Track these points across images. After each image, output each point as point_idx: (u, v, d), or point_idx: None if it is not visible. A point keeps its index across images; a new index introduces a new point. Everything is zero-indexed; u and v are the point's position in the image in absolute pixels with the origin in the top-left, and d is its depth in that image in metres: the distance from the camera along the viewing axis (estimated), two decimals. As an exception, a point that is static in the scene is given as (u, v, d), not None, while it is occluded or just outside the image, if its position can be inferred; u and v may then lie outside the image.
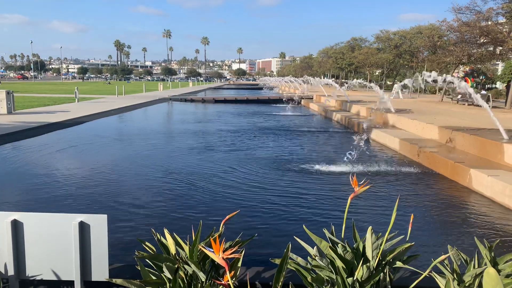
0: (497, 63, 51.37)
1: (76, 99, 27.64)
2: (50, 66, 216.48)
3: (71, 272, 2.65)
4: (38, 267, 2.67)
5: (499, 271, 2.35)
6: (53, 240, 2.63)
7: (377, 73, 69.88)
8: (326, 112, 24.92)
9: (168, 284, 2.41)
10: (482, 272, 2.17)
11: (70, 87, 56.39)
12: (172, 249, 2.59)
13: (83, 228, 2.60)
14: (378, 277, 2.31)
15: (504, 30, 23.21)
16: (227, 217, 2.57)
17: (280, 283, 2.31)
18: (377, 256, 2.32)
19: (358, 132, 15.83)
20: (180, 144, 12.95)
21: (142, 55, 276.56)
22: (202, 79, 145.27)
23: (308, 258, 2.58)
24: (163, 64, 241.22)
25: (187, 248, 2.53)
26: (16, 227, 2.62)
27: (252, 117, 23.13)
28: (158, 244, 2.73)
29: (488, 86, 49.10)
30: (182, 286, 2.43)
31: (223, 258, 1.75)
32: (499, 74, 48.35)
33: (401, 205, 6.88)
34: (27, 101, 27.76)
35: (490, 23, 23.38)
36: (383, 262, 2.38)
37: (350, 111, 22.84)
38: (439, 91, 40.89)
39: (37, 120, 16.69)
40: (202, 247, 1.90)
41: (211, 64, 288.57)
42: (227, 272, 1.79)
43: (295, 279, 2.63)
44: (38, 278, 2.69)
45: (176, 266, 2.41)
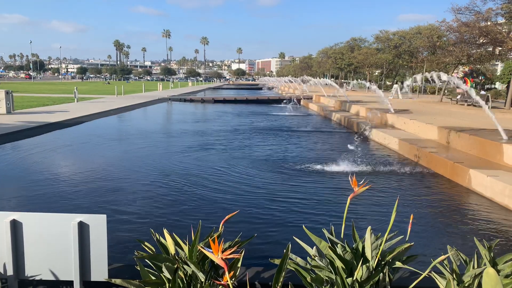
0: (496, 63, 51.45)
1: (76, 99, 27.62)
2: (50, 66, 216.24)
3: (70, 272, 2.65)
4: (37, 267, 2.67)
5: (498, 271, 2.35)
6: (52, 240, 2.63)
7: (376, 73, 69.95)
8: (325, 112, 24.93)
9: (167, 284, 2.41)
10: (481, 272, 2.18)
11: (69, 87, 56.36)
12: (172, 249, 2.58)
13: (82, 228, 2.60)
14: (377, 277, 2.31)
15: (503, 30, 23.22)
16: (227, 217, 2.57)
17: (280, 283, 2.31)
18: (376, 256, 2.32)
19: (358, 132, 15.83)
20: (178, 144, 12.94)
21: (141, 55, 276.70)
22: (201, 79, 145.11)
23: (308, 258, 2.58)
24: (162, 64, 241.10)
25: (186, 248, 2.53)
26: (15, 227, 2.61)
27: (251, 117, 23.13)
28: (157, 244, 2.72)
29: (488, 86, 49.15)
30: (182, 286, 2.43)
31: (222, 258, 1.75)
32: (498, 74, 48.45)
33: (400, 205, 6.88)
34: (26, 101, 27.73)
35: (489, 23, 23.40)
36: (383, 262, 2.37)
37: (350, 111, 22.85)
38: (438, 92, 40.93)
39: (36, 120, 16.67)
40: (201, 247, 1.90)
41: (211, 64, 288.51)
42: (226, 273, 1.79)
43: (294, 279, 2.63)
44: (37, 278, 2.69)
45: (176, 266, 2.41)
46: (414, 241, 2.59)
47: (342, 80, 69.50)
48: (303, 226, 2.77)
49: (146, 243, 2.84)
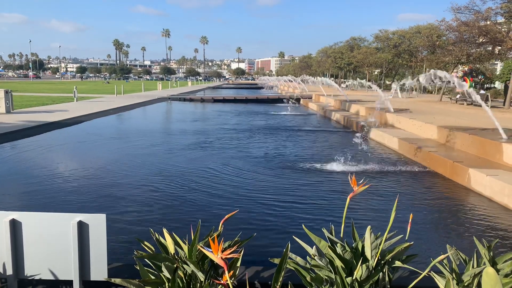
0: (496, 62, 51.43)
1: (75, 99, 27.59)
2: (49, 65, 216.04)
3: (69, 271, 2.64)
4: (36, 267, 2.67)
5: (498, 270, 2.35)
6: (51, 240, 2.63)
7: (376, 72, 69.88)
8: (325, 112, 24.92)
9: (167, 284, 2.41)
10: (481, 272, 2.18)
11: (68, 86, 56.29)
12: (171, 248, 2.58)
13: (82, 228, 2.59)
14: (377, 276, 2.31)
15: (503, 29, 23.22)
16: (226, 216, 2.57)
17: (279, 283, 2.31)
18: (376, 256, 2.32)
19: (357, 131, 15.83)
20: (177, 143, 12.94)
21: (141, 54, 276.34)
22: (201, 78, 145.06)
23: (307, 257, 2.58)
24: (162, 63, 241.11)
25: (186, 247, 2.53)
26: (15, 227, 2.61)
27: (251, 116, 23.12)
28: (157, 243, 2.72)
29: (487, 85, 49.13)
30: (181, 285, 2.43)
31: (221, 258, 1.75)
32: (497, 73, 48.44)
33: (399, 204, 6.88)
34: (25, 100, 27.69)
35: (489, 22, 23.39)
36: (382, 262, 2.37)
37: (349, 110, 22.84)
38: (437, 91, 40.92)
39: (35, 120, 16.66)
40: (201, 247, 1.90)
41: (210, 64, 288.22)
42: (226, 272, 1.79)
43: (294, 279, 2.63)
44: (37, 277, 2.68)
45: (175, 266, 2.41)
46: (413, 240, 2.59)
47: (341, 80, 69.46)
48: (303, 225, 2.77)
49: (146, 243, 2.83)
